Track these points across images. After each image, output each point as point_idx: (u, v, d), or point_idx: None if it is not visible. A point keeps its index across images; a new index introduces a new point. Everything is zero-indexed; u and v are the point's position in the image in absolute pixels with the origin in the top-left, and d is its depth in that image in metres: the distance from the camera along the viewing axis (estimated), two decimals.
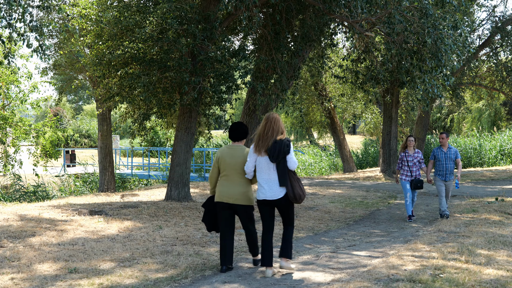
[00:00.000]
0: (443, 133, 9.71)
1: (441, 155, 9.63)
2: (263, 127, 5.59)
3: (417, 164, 9.81)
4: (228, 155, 5.80)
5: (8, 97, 17.85)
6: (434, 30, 9.73)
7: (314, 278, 5.67)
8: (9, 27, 8.08)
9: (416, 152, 9.89)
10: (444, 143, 9.68)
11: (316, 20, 11.14)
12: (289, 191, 5.56)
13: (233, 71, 10.90)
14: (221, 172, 5.85)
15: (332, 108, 23.19)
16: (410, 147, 9.87)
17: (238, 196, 5.75)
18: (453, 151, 9.65)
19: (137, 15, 10.23)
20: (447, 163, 9.57)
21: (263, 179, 5.64)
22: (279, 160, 5.51)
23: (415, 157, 9.84)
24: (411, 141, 9.89)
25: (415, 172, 9.77)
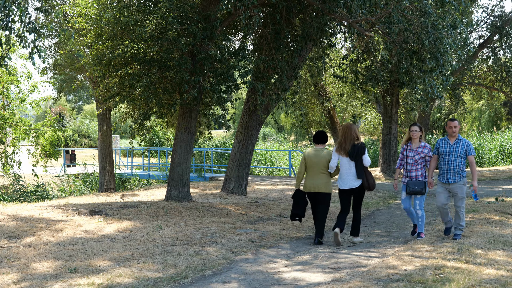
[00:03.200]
0: (453, 120, 7.31)
1: (445, 148, 7.27)
2: (343, 135, 7.47)
3: (420, 162, 7.51)
4: (313, 156, 7.54)
5: (8, 97, 17.84)
6: (433, 30, 9.73)
7: (314, 278, 5.67)
8: (7, 29, 8.06)
9: (421, 147, 7.53)
10: (452, 132, 7.26)
11: (316, 20, 11.14)
12: (364, 182, 7.43)
13: (233, 70, 10.90)
14: (307, 168, 7.59)
15: (332, 108, 23.21)
16: (415, 138, 7.57)
17: (321, 186, 7.52)
18: (463, 144, 7.21)
19: (137, 14, 10.23)
20: (451, 160, 7.20)
21: (344, 173, 7.46)
22: (357, 159, 7.34)
23: (417, 152, 7.49)
24: (415, 131, 7.54)
25: (414, 172, 7.50)
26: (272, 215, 10.20)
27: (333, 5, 9.94)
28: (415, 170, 7.53)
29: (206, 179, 19.43)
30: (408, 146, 7.64)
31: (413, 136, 7.58)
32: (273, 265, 6.29)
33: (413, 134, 7.58)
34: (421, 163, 7.54)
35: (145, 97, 10.59)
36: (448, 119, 7.49)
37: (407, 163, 7.60)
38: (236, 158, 12.79)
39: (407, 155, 7.60)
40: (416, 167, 7.52)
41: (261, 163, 25.60)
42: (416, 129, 7.56)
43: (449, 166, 7.25)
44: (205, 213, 9.91)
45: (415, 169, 7.53)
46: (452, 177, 7.23)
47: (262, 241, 7.74)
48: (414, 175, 7.53)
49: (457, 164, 7.21)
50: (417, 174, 7.53)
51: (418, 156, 7.50)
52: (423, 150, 7.52)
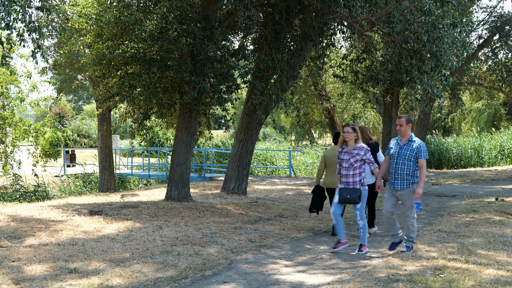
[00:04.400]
0: (400, 117, 6.61)
1: (395, 150, 6.56)
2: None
3: (357, 166, 6.82)
4: (332, 155, 8.13)
5: (7, 97, 17.84)
6: (433, 29, 9.72)
7: (314, 278, 5.67)
8: (8, 28, 8.06)
9: (357, 148, 6.83)
10: (403, 131, 6.53)
11: (316, 20, 11.14)
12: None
13: (233, 70, 10.90)
14: (327, 166, 8.25)
15: (332, 108, 23.20)
16: (349, 140, 6.90)
17: None
18: (413, 145, 6.43)
19: (137, 14, 10.23)
20: (399, 163, 6.46)
21: None
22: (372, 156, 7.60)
23: (353, 155, 6.80)
24: (347, 132, 6.88)
25: (351, 178, 6.81)
26: (272, 215, 10.20)
27: (333, 5, 9.94)
28: (352, 176, 6.83)
29: (206, 179, 19.43)
30: (343, 148, 6.98)
31: (346, 138, 6.91)
32: (273, 265, 6.29)
33: (346, 136, 6.90)
34: (359, 167, 6.83)
35: (145, 97, 10.59)
36: (398, 116, 6.84)
37: (342, 167, 6.92)
38: (236, 158, 12.79)
39: (343, 158, 6.90)
40: (353, 171, 6.82)
41: (261, 163, 25.61)
42: (348, 130, 6.90)
43: (396, 170, 6.49)
44: (205, 213, 9.91)
45: (352, 174, 6.82)
46: (399, 183, 6.48)
47: (262, 241, 7.74)
48: (351, 181, 6.83)
49: (405, 168, 6.43)
50: (354, 180, 6.82)
51: (353, 159, 6.81)
52: (359, 152, 6.82)
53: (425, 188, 14.62)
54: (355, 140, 6.91)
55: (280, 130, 52.35)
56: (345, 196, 6.77)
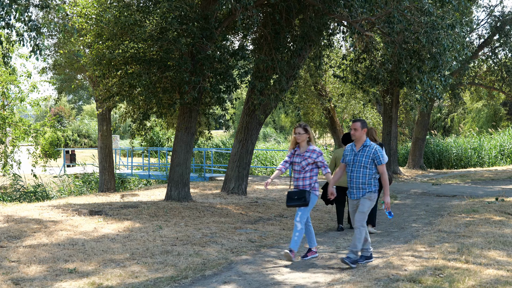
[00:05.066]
0: (355, 121, 6.18)
1: (350, 157, 6.18)
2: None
3: (308, 169, 6.44)
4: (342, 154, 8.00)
5: (7, 97, 17.83)
6: (432, 29, 9.72)
7: (314, 278, 5.67)
8: (8, 27, 8.06)
9: (309, 151, 6.46)
10: (357, 136, 6.12)
11: (316, 20, 11.14)
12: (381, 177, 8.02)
13: (232, 70, 10.90)
14: (337, 165, 8.56)
15: (332, 108, 23.20)
16: (301, 142, 6.50)
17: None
18: (369, 151, 6.05)
19: (137, 14, 10.23)
20: (354, 171, 6.09)
21: None
22: None
23: (304, 157, 6.43)
24: (298, 133, 6.48)
25: (301, 182, 6.46)
26: (272, 215, 10.20)
27: (333, 5, 9.93)
28: (303, 179, 6.44)
29: (206, 179, 19.43)
30: (295, 151, 6.57)
31: (297, 140, 6.49)
32: (273, 265, 6.29)
33: (297, 138, 6.47)
34: (311, 170, 6.44)
35: (145, 97, 10.59)
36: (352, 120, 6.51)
37: (294, 171, 6.55)
38: (236, 158, 12.79)
39: (294, 161, 6.52)
40: (304, 175, 6.42)
41: (261, 163, 25.61)
42: (300, 131, 6.47)
43: (352, 178, 6.12)
44: (205, 213, 9.91)
45: (303, 177, 6.43)
46: (356, 192, 6.11)
47: (262, 241, 7.74)
48: (301, 184, 6.44)
49: (361, 176, 6.04)
50: (304, 183, 6.44)
51: (305, 162, 6.40)
52: (311, 155, 6.42)
53: (425, 188, 14.63)
54: (307, 141, 6.52)
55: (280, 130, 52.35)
56: (292, 197, 6.35)
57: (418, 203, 11.86)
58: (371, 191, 6.09)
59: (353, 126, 6.15)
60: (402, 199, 12.66)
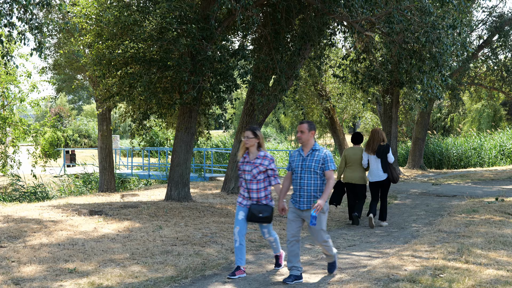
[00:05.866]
0: (302, 123, 5.63)
1: (297, 162, 5.60)
2: (372, 137, 8.90)
3: (261, 178, 5.77)
4: (352, 153, 9.10)
5: (7, 97, 17.84)
6: (433, 29, 9.73)
7: (314, 278, 5.67)
8: (9, 26, 8.07)
9: (260, 157, 5.79)
10: (304, 139, 5.58)
11: (316, 19, 11.14)
12: (389, 175, 8.83)
13: (232, 70, 10.90)
14: (347, 164, 9.11)
15: (332, 108, 23.19)
16: (250, 147, 5.83)
17: (358, 179, 9.07)
18: (318, 155, 5.50)
19: (137, 14, 10.23)
20: (304, 178, 5.52)
21: (373, 168, 8.92)
22: (382, 156, 8.78)
23: (255, 165, 5.76)
24: (247, 137, 5.80)
25: (255, 193, 5.77)
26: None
27: (333, 4, 9.94)
28: (257, 191, 5.76)
29: (206, 179, 19.43)
30: (245, 158, 5.87)
31: (246, 144, 5.80)
32: (273, 265, 6.29)
33: (246, 142, 5.79)
34: (263, 180, 5.78)
35: (145, 97, 10.60)
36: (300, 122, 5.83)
37: (244, 180, 5.82)
38: (236, 158, 12.79)
39: (244, 169, 5.81)
40: (257, 185, 5.76)
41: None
42: (248, 135, 5.78)
43: (301, 186, 5.52)
44: (205, 213, 9.91)
45: (256, 188, 5.76)
46: (306, 201, 5.49)
47: (262, 241, 7.74)
48: (256, 196, 5.76)
49: (312, 184, 5.48)
50: (259, 195, 5.75)
51: (256, 170, 5.73)
52: (263, 162, 5.75)
53: (425, 188, 14.63)
54: (257, 147, 5.83)
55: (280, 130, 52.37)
56: (256, 214, 5.68)
57: (418, 203, 11.86)
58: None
59: (299, 128, 5.59)
60: (402, 199, 12.66)
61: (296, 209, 5.57)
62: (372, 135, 8.95)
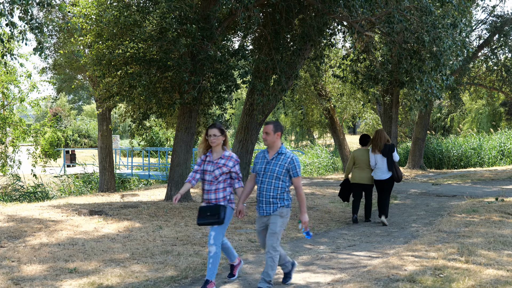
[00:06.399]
0: (269, 123, 5.23)
1: (261, 165, 5.26)
2: (377, 137, 9.13)
3: (222, 179, 5.28)
4: (360, 154, 9.42)
5: (7, 97, 17.84)
6: (433, 29, 9.73)
7: (314, 278, 5.67)
8: (11, 25, 8.07)
9: (224, 158, 5.30)
10: (270, 141, 5.21)
11: (315, 19, 11.14)
12: (393, 174, 9.08)
13: (232, 70, 10.91)
14: (355, 164, 9.41)
15: (332, 108, 23.19)
16: (215, 146, 5.34)
17: (367, 179, 9.35)
18: (284, 159, 5.15)
19: (137, 14, 10.24)
20: (265, 182, 5.19)
21: (378, 167, 9.15)
22: (388, 155, 9.04)
23: (218, 165, 5.28)
24: (213, 135, 5.28)
25: (214, 194, 5.28)
26: None
27: (333, 4, 9.94)
28: (215, 191, 5.27)
29: None
30: (206, 157, 5.38)
31: (211, 143, 5.28)
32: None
33: (212, 140, 5.27)
34: (224, 181, 5.29)
35: (145, 97, 10.60)
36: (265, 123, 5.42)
37: (204, 181, 5.33)
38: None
39: (205, 169, 5.31)
40: (216, 186, 5.26)
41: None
42: (215, 133, 5.28)
43: (262, 191, 5.19)
44: None
45: (215, 189, 5.26)
46: (265, 207, 5.18)
47: None
48: (213, 197, 5.28)
49: (272, 189, 5.14)
50: (217, 196, 5.28)
51: (219, 171, 5.25)
52: (227, 163, 5.28)
53: (425, 188, 14.63)
54: (222, 146, 5.38)
55: None
56: (204, 214, 5.21)
57: (418, 203, 11.86)
58: (284, 206, 5.18)
59: (264, 129, 5.20)
60: (402, 199, 12.66)
61: (261, 216, 5.26)
62: (377, 135, 9.21)
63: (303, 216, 5.15)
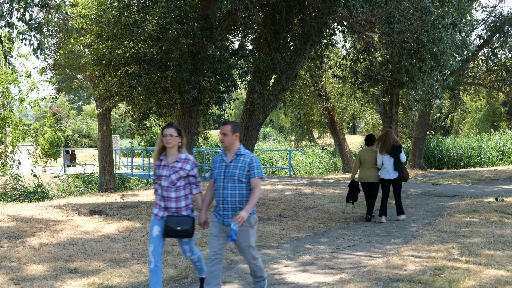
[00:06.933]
0: (227, 123, 4.80)
1: (219, 169, 4.82)
2: (385, 138, 9.41)
3: (180, 185, 4.84)
4: (366, 154, 9.68)
5: (7, 97, 17.84)
6: (433, 29, 9.74)
7: (314, 278, 5.67)
8: (9, 26, 8.08)
9: (180, 161, 4.88)
10: (227, 142, 4.79)
11: (315, 19, 11.14)
12: (400, 173, 9.37)
13: (232, 70, 10.90)
14: (361, 164, 9.69)
15: (332, 108, 23.20)
16: (170, 148, 4.89)
17: (371, 177, 9.59)
18: (244, 161, 4.76)
19: (137, 14, 10.24)
20: (227, 187, 4.74)
21: (385, 167, 9.42)
22: (395, 156, 9.32)
23: (174, 169, 4.85)
24: (169, 135, 4.83)
25: (174, 203, 4.85)
26: (272, 215, 10.20)
27: (333, 4, 9.94)
28: (176, 200, 4.83)
29: (206, 179, 19.43)
30: (161, 160, 4.92)
31: (166, 144, 4.83)
32: (274, 265, 6.29)
33: (167, 141, 4.82)
34: (184, 187, 4.86)
35: (144, 97, 10.60)
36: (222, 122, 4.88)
37: (161, 187, 4.87)
38: None
39: (160, 174, 4.86)
40: (175, 193, 4.83)
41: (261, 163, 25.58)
42: (171, 133, 4.84)
43: (225, 197, 4.74)
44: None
45: (175, 197, 4.83)
46: (231, 215, 4.71)
47: (262, 241, 7.74)
48: (174, 206, 4.84)
49: (236, 194, 4.72)
50: (179, 205, 4.84)
51: (175, 175, 4.82)
52: (184, 167, 4.84)
53: (425, 188, 14.63)
54: (178, 147, 4.92)
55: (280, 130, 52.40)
56: (173, 227, 4.78)
57: (418, 203, 11.86)
58: (251, 214, 4.78)
59: (221, 130, 4.78)
60: (402, 199, 12.63)
61: (220, 223, 4.77)
62: (385, 136, 9.53)
63: (242, 212, 4.56)
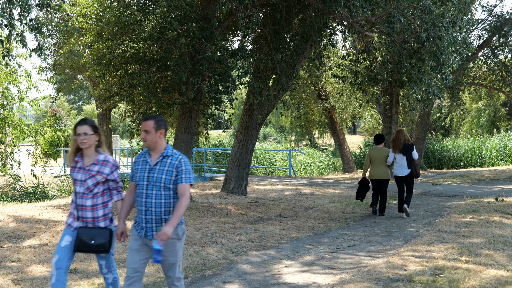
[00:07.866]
0: (148, 118, 4.07)
1: (142, 172, 4.09)
2: (398, 137, 9.82)
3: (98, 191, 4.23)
4: (376, 152, 10.16)
5: (6, 97, 17.84)
6: (433, 28, 9.74)
7: (314, 279, 5.67)
8: (9, 26, 8.08)
9: (98, 163, 4.24)
10: (150, 141, 4.08)
11: (315, 19, 11.14)
12: (412, 171, 9.73)
13: (231, 71, 10.90)
14: (372, 162, 10.16)
15: (332, 107, 23.19)
16: (86, 148, 4.26)
17: (382, 174, 10.08)
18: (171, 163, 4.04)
19: (137, 14, 10.24)
20: (150, 195, 4.02)
21: (398, 165, 9.83)
22: (407, 154, 9.70)
23: (90, 173, 4.21)
24: (83, 134, 4.20)
25: (90, 212, 4.23)
26: (272, 215, 10.20)
27: (333, 4, 9.94)
28: (93, 209, 4.21)
29: (206, 179, 19.43)
30: (76, 162, 4.29)
31: (81, 144, 4.21)
32: (274, 265, 6.29)
33: (81, 141, 4.19)
34: (102, 193, 4.26)
35: (144, 97, 10.60)
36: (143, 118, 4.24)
37: (76, 193, 4.27)
38: (236, 158, 12.78)
39: (75, 179, 4.26)
40: (92, 201, 4.20)
41: (261, 163, 25.59)
42: (86, 131, 4.21)
43: (148, 206, 4.03)
44: (205, 213, 9.91)
45: (91, 205, 4.20)
46: (156, 227, 4.02)
47: (262, 241, 7.74)
48: (90, 216, 4.21)
49: (162, 204, 4.01)
50: (95, 215, 4.23)
51: (91, 180, 4.21)
52: (102, 170, 4.23)
53: (425, 188, 14.63)
54: (96, 147, 4.29)
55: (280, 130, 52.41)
56: (86, 241, 4.14)
57: (418, 203, 11.86)
58: (179, 224, 4.06)
59: (143, 126, 4.07)
60: None
61: (142, 237, 4.05)
62: (398, 135, 9.96)
63: (166, 227, 3.83)
